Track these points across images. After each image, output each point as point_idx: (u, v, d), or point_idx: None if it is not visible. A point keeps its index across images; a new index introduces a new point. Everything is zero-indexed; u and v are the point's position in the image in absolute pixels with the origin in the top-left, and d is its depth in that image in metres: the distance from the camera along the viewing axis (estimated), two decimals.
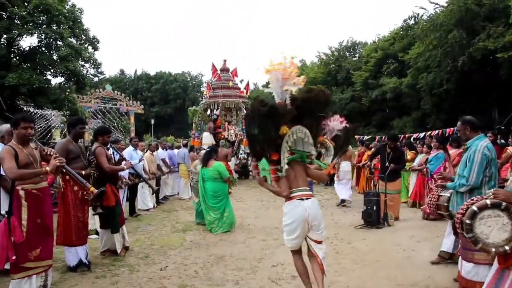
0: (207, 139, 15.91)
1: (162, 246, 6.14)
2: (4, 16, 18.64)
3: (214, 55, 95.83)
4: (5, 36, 18.73)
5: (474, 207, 3.01)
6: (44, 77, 20.02)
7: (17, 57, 20.33)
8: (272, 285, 4.44)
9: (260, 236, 6.71)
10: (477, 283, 3.82)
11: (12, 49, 19.87)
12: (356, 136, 20.96)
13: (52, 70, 20.64)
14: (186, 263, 5.26)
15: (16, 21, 18.62)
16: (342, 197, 9.90)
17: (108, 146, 5.89)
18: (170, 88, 61.81)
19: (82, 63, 22.13)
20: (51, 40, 19.70)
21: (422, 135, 18.89)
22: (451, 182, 4.33)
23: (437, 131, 18.12)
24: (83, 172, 4.82)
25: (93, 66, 23.63)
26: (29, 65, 19.54)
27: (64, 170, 4.46)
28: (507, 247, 2.89)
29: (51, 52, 20.18)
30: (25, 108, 22.43)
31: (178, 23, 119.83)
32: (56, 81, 21.84)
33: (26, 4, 19.09)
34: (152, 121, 43.03)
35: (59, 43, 20.02)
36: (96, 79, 35.82)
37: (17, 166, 3.73)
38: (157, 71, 65.20)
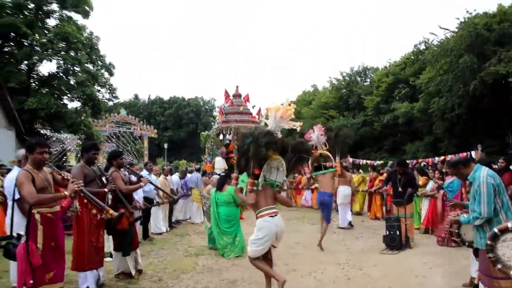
0: (220, 163, 16.01)
1: (175, 270, 6.22)
2: (25, 43, 19.34)
3: (227, 81, 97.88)
4: (26, 62, 19.37)
5: (496, 229, 3.08)
6: (62, 102, 20.51)
7: (36, 82, 20.91)
8: None
9: None
10: None
11: (32, 75, 20.49)
12: (368, 162, 21.04)
13: (69, 95, 21.12)
14: (199, 287, 5.32)
15: (36, 48, 19.28)
16: (341, 225, 10.17)
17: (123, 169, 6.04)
18: (183, 113, 62.78)
19: (98, 88, 22.66)
20: (69, 65, 20.28)
21: (434, 160, 18.80)
22: (465, 217, 4.34)
23: (450, 156, 18.04)
24: (106, 189, 5.01)
25: (108, 91, 24.17)
26: (47, 90, 20.06)
27: (82, 194, 4.57)
28: None
29: (69, 77, 20.73)
30: (42, 131, 22.96)
31: (192, 53, 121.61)
32: (72, 105, 22.41)
33: (47, 32, 19.83)
34: (165, 146, 43.49)
35: (77, 68, 20.58)
36: (111, 103, 36.54)
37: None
38: (170, 96, 66.55)
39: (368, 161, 21.44)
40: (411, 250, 7.56)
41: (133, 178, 6.49)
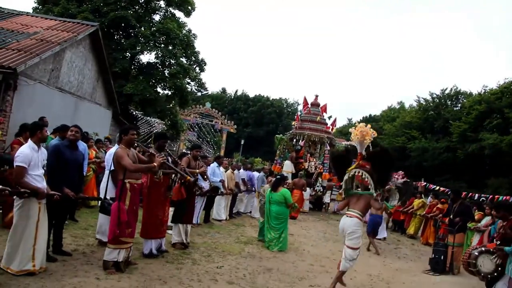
0: (288, 167, 16.72)
1: (223, 251, 7.15)
2: (132, 34, 21.70)
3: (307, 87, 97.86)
4: (130, 51, 21.69)
5: None
6: (154, 89, 22.61)
7: (136, 70, 23.24)
8: None
9: (309, 261, 7.41)
10: None
11: (133, 62, 22.85)
12: (441, 188, 20.41)
13: (162, 84, 23.20)
14: (239, 267, 6.19)
15: (141, 39, 21.52)
16: (379, 236, 10.68)
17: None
18: (266, 112, 64.32)
19: (189, 81, 24.63)
20: (166, 58, 22.32)
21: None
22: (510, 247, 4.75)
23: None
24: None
25: (197, 85, 26.15)
26: (144, 77, 22.26)
27: (166, 165, 5.69)
28: None
29: (164, 68, 22.80)
30: (134, 113, 25.45)
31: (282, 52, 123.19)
32: (163, 93, 24.52)
33: (151, 25, 22.06)
34: (242, 142, 45.22)
35: (172, 61, 22.54)
36: (199, 94, 38.82)
37: None
38: (256, 94, 68.34)
39: (442, 188, 20.77)
40: (451, 277, 7.76)
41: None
